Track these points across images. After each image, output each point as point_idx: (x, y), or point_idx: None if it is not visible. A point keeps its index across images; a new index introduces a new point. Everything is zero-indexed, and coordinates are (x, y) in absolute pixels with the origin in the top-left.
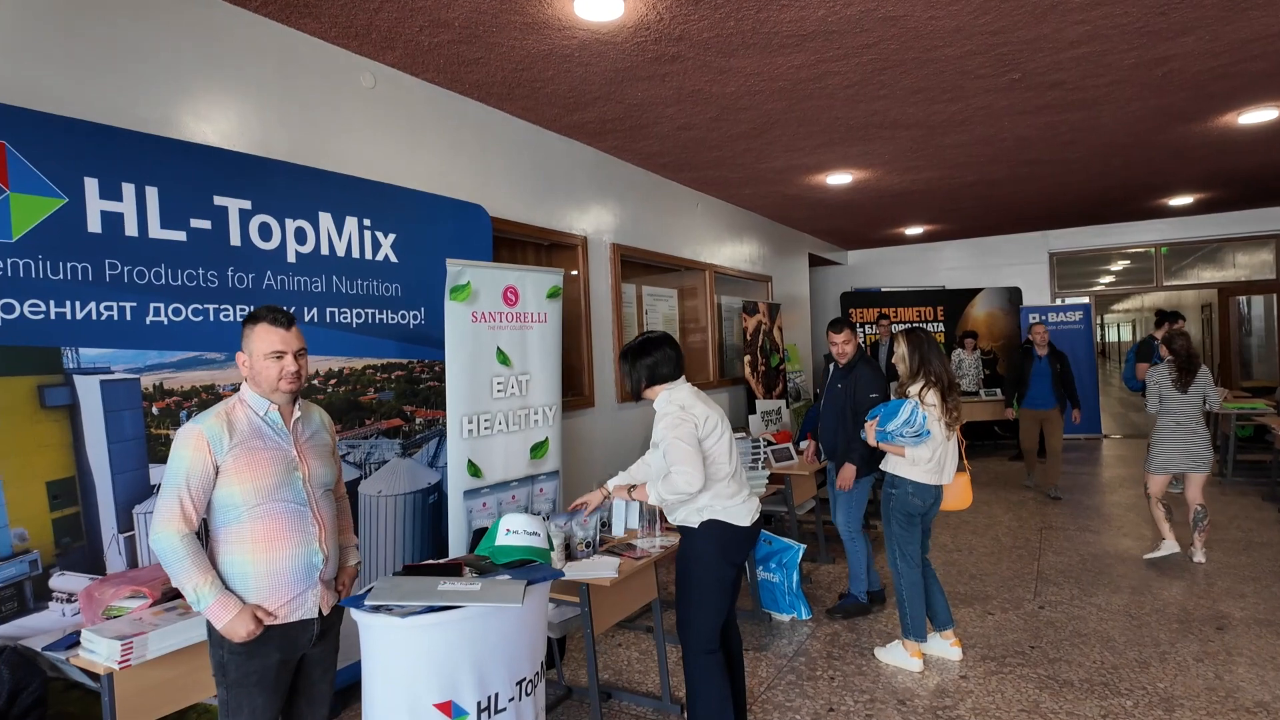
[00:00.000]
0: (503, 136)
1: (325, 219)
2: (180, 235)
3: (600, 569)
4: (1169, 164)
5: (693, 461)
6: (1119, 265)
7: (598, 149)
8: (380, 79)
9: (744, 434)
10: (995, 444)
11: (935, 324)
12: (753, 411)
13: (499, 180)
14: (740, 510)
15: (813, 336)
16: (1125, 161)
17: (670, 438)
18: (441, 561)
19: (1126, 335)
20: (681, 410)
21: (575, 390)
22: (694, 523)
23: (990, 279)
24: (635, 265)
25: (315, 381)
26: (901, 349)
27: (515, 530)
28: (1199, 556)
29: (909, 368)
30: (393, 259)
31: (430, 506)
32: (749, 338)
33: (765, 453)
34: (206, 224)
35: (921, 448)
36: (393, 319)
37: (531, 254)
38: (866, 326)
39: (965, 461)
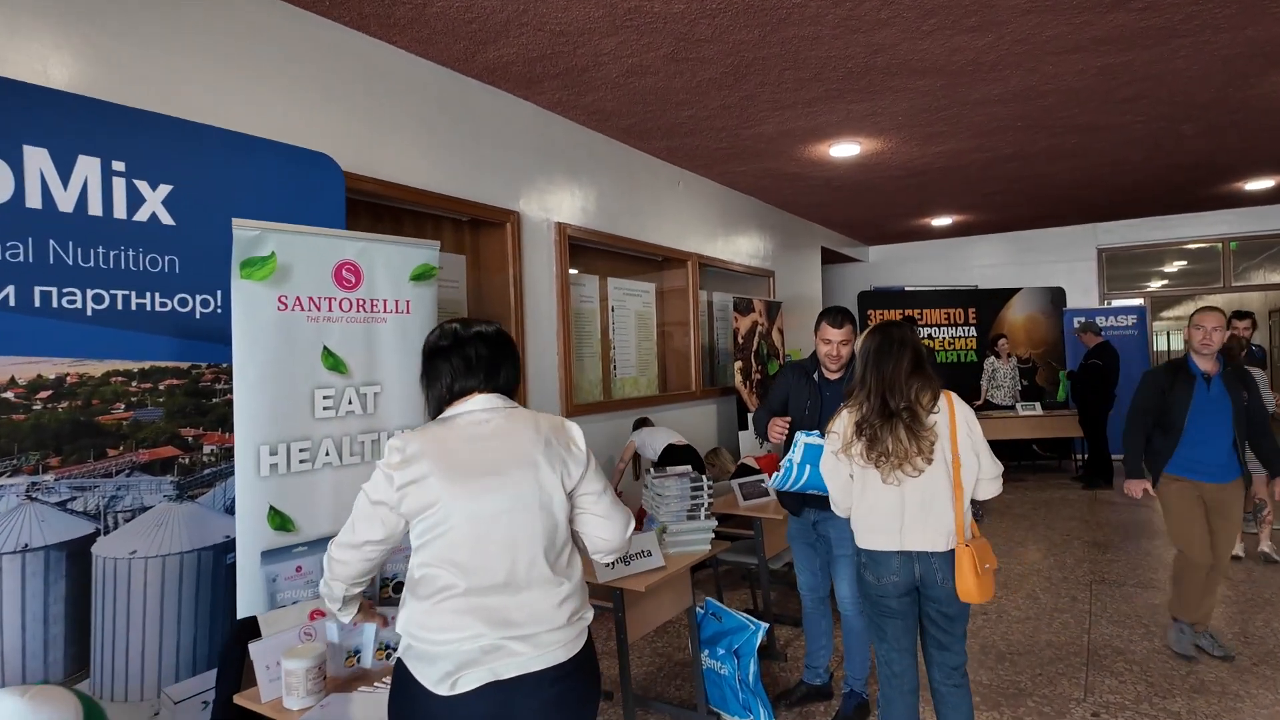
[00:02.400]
0: (399, 81)
1: (35, 156)
2: None
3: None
4: (1254, 132)
5: (355, 528)
6: (1174, 266)
7: (536, 104)
8: None
9: (688, 472)
10: (1034, 464)
11: (966, 328)
12: (744, 427)
13: (393, 135)
14: (443, 655)
15: None
16: (1200, 128)
17: None
18: None
19: (1177, 344)
20: (393, 448)
21: None
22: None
23: (1029, 278)
24: (599, 253)
25: (10, 395)
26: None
27: None
28: (1264, 546)
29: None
30: (165, 219)
31: (228, 570)
32: (741, 340)
33: (725, 490)
34: None
35: (838, 495)
36: (163, 305)
37: (449, 231)
38: None
39: (976, 527)
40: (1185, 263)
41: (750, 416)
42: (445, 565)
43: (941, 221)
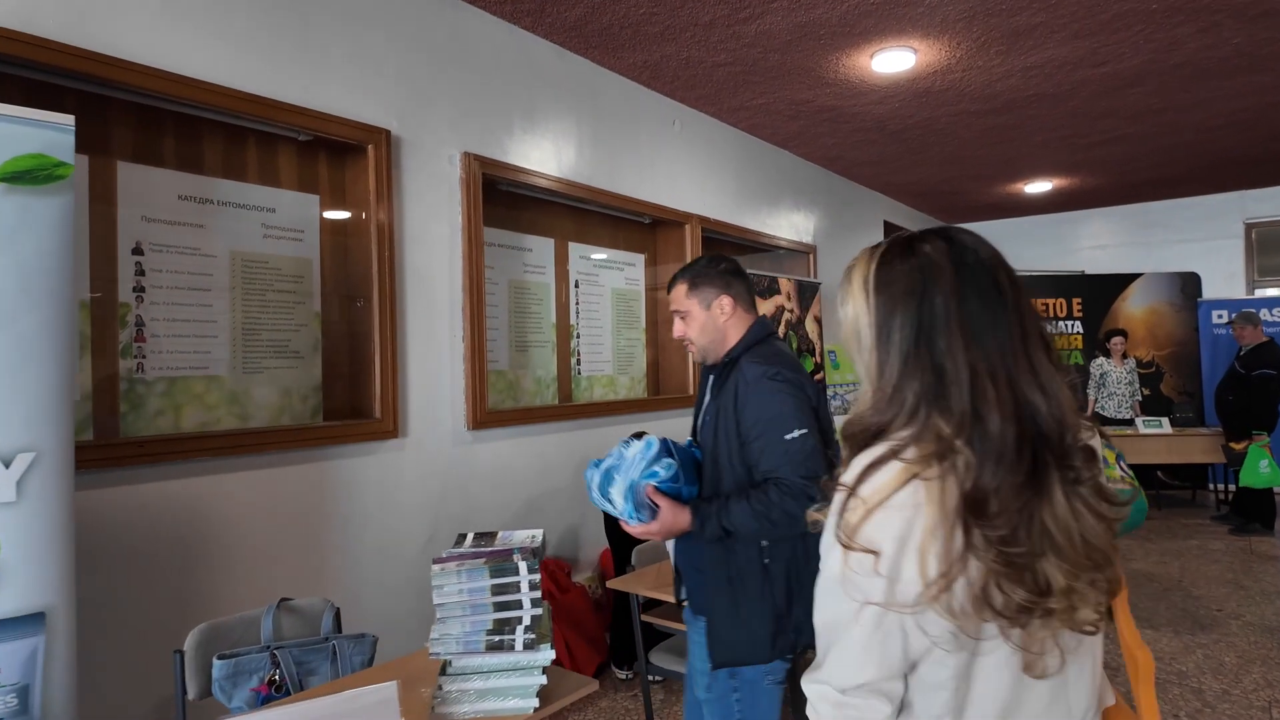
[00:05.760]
0: None
1: None
2: None
3: None
4: None
5: None
6: None
7: None
8: None
9: (494, 551)
10: (1158, 494)
11: (1070, 322)
12: None
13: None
14: None
15: None
16: None
17: None
18: None
19: None
20: None
21: (358, 409)
22: None
23: (1153, 261)
24: (555, 208)
25: None
26: None
27: None
28: None
29: None
30: None
31: None
32: None
33: (660, 554)
34: None
35: (873, 672)
36: None
37: (288, 157)
38: None
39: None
40: None
41: None
42: None
43: (1038, 188)
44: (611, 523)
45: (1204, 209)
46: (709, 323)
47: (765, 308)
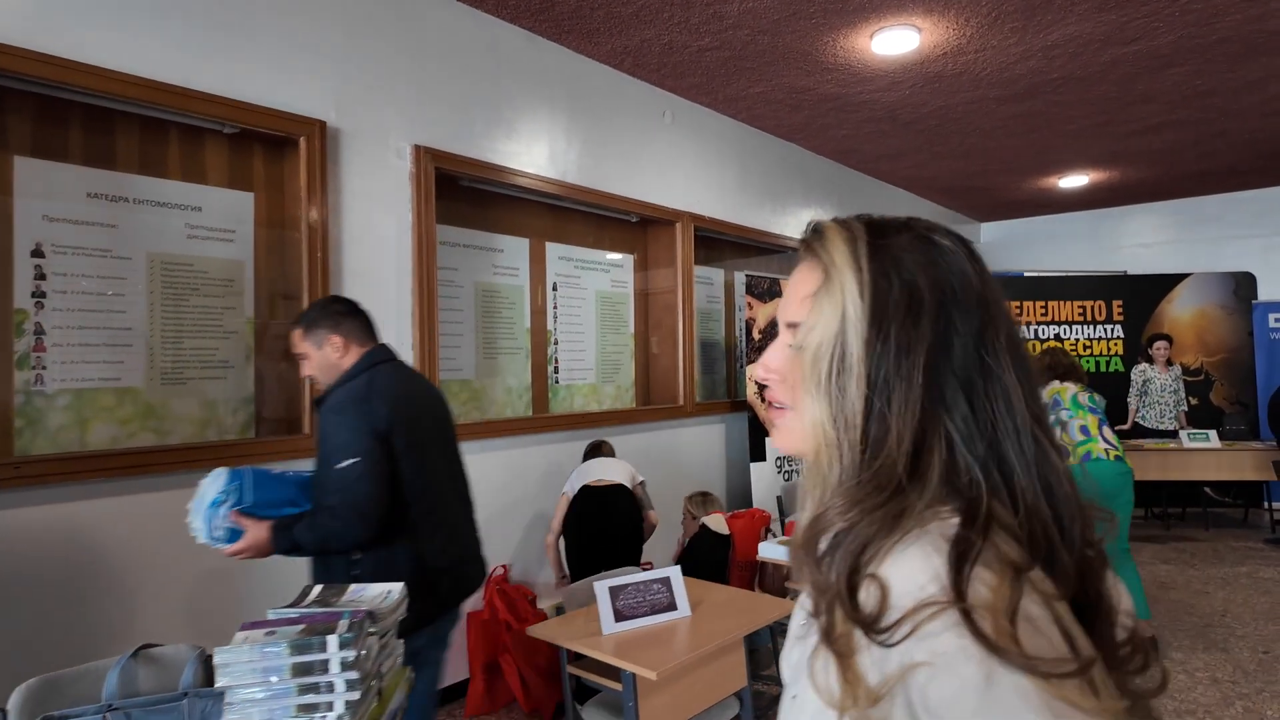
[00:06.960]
0: None
1: None
2: None
3: None
4: None
5: None
6: None
7: None
8: None
9: (295, 616)
10: (1206, 512)
11: (1109, 326)
12: (760, 456)
13: None
14: None
15: None
16: None
17: None
18: None
19: None
20: None
21: (295, 424)
22: None
23: (1203, 260)
24: (532, 206)
25: None
26: None
27: None
28: None
29: None
30: None
31: None
32: (758, 335)
33: (585, 597)
34: None
35: None
36: None
37: (217, 151)
38: None
39: None
40: None
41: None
42: None
43: (1073, 182)
44: (571, 549)
45: (1260, 203)
46: (323, 361)
47: (763, 313)
